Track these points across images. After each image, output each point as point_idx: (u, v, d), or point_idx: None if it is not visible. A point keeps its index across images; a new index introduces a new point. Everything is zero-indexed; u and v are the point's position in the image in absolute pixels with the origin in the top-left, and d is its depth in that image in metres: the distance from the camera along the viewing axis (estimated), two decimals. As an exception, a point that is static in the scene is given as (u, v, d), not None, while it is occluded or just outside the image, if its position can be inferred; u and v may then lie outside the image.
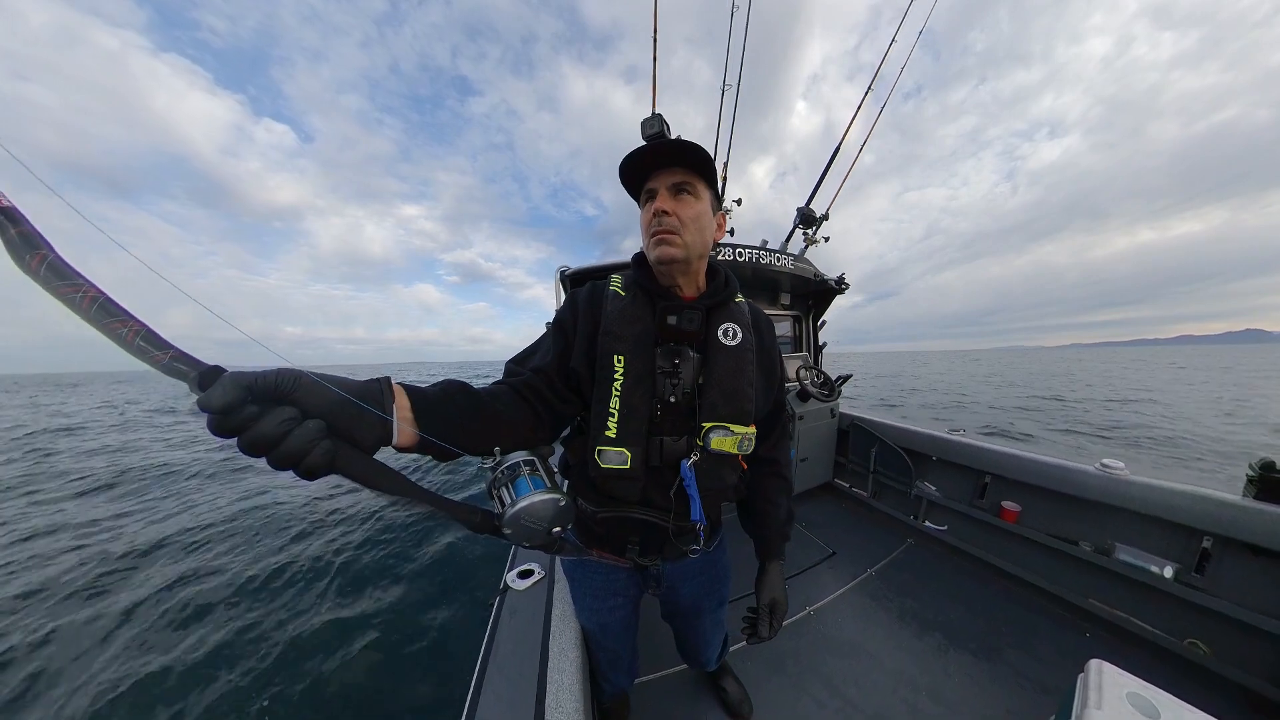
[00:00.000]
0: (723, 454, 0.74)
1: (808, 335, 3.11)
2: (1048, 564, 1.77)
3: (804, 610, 1.69)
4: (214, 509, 5.01)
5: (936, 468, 2.32)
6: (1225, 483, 1.45)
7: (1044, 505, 1.85)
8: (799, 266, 2.46)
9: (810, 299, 3.05)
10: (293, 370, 0.38)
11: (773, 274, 2.41)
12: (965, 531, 2.10)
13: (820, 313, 3.06)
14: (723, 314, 0.78)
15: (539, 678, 0.86)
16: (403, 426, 0.47)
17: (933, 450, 2.31)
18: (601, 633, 1.00)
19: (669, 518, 0.77)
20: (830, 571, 1.96)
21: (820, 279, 2.63)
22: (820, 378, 2.73)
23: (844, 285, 2.79)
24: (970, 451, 2.12)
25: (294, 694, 2.19)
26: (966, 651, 1.47)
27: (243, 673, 2.33)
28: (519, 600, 1.15)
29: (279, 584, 3.24)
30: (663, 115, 0.81)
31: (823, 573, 1.96)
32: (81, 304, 0.31)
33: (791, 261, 2.42)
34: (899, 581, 1.88)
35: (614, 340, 0.72)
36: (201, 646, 2.53)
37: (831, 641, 1.53)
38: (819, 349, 3.11)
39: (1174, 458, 8.42)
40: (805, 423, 2.56)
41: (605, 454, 0.71)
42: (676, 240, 0.69)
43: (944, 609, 1.68)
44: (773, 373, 0.85)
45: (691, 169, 0.70)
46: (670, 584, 0.95)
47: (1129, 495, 1.56)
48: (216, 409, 0.32)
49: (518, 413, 0.64)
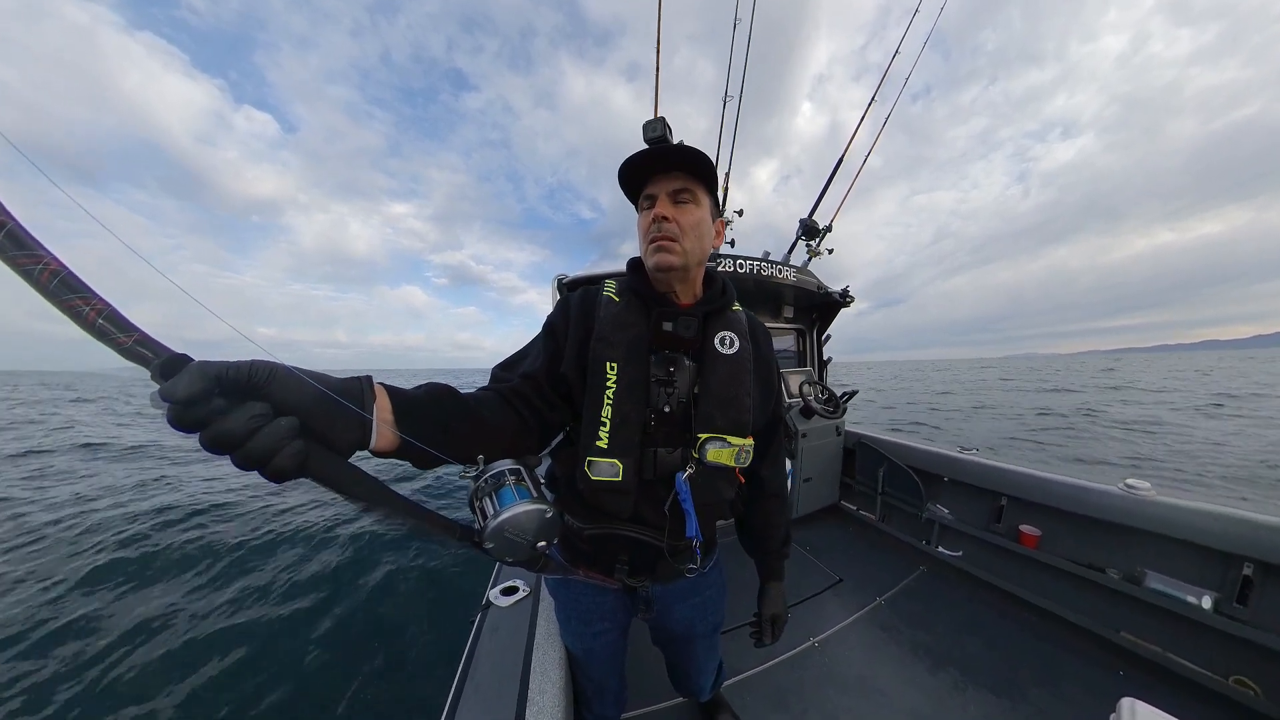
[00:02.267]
0: (719, 467, 0.71)
1: (812, 349, 3.09)
2: (1073, 593, 1.69)
3: (808, 641, 1.61)
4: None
5: (949, 489, 2.25)
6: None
7: (1066, 529, 1.78)
8: (802, 279, 2.46)
9: (814, 312, 3.05)
10: (268, 362, 0.36)
11: (775, 286, 2.41)
12: (981, 558, 2.02)
13: (825, 326, 3.05)
14: (720, 321, 0.77)
15: (519, 699, 0.83)
16: (382, 429, 0.45)
17: (944, 470, 2.25)
18: (587, 659, 0.96)
19: (661, 535, 0.74)
20: (836, 600, 1.89)
21: (824, 291, 2.62)
22: (825, 393, 2.70)
23: (849, 299, 2.78)
24: (984, 471, 2.06)
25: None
26: (985, 689, 1.38)
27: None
28: (501, 617, 1.12)
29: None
30: (665, 119, 0.82)
31: (828, 601, 1.88)
32: (40, 277, 0.29)
33: (794, 273, 2.42)
34: (910, 611, 1.80)
35: (607, 346, 0.71)
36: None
37: (837, 676, 1.46)
38: (823, 364, 3.08)
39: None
40: (809, 441, 2.51)
41: (596, 465, 0.68)
42: (676, 247, 0.68)
43: (960, 642, 1.60)
44: (770, 384, 0.84)
45: (693, 175, 0.70)
46: (661, 607, 0.91)
47: (1157, 517, 1.49)
48: (179, 400, 0.30)
49: (504, 420, 0.63)
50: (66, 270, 0.30)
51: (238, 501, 5.04)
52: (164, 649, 2.54)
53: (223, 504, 4.96)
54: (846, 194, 3.19)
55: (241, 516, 4.63)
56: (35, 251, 0.29)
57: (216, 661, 2.44)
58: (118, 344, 0.31)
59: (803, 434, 2.47)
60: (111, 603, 3.07)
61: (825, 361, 3.10)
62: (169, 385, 0.30)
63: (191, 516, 4.63)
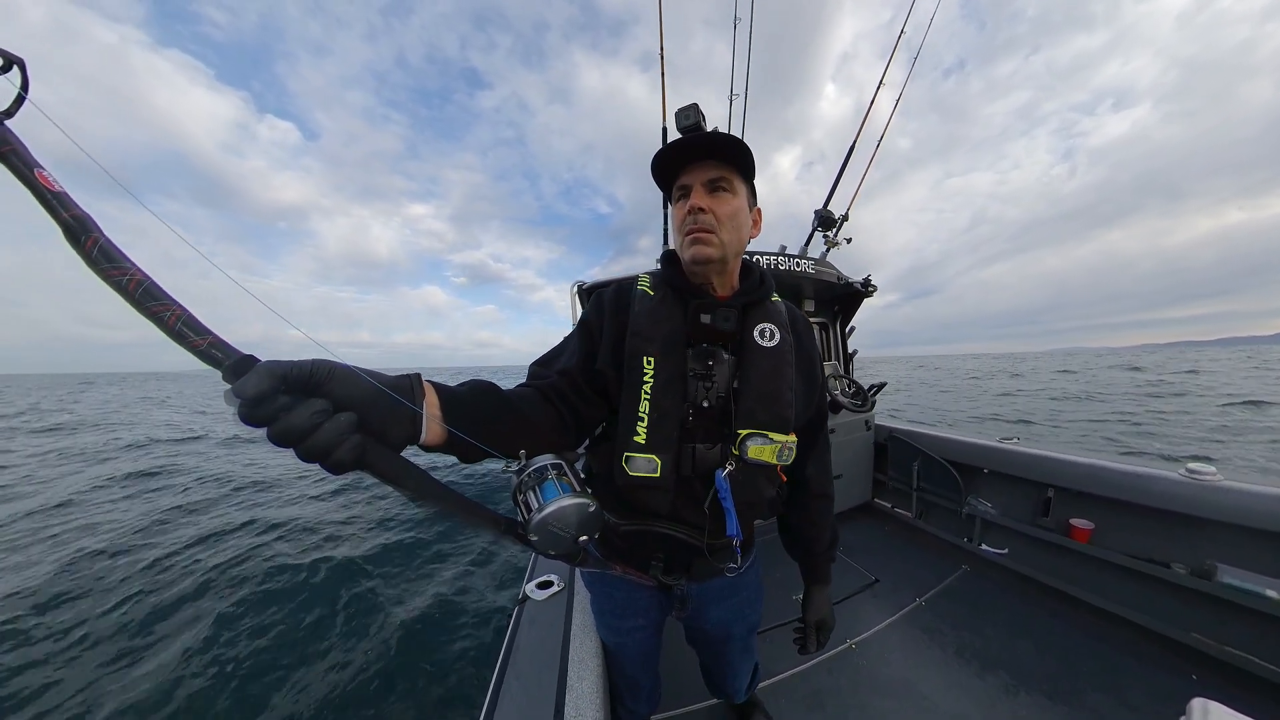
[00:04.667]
0: (760, 464, 0.71)
1: (836, 343, 3.05)
2: (1134, 591, 1.60)
3: (844, 643, 1.58)
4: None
5: (990, 481, 2.17)
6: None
7: (1122, 521, 1.69)
8: (821, 270, 2.42)
9: (836, 304, 3.00)
10: (328, 361, 0.39)
11: (794, 280, 2.39)
12: (1029, 554, 1.94)
13: (848, 318, 3.00)
14: (759, 313, 0.76)
15: (558, 687, 0.86)
16: (431, 424, 0.47)
17: (984, 462, 2.17)
18: (619, 654, 0.97)
19: (699, 534, 0.74)
20: (873, 601, 1.85)
21: (845, 282, 2.58)
22: (852, 387, 2.65)
23: (871, 288, 2.73)
24: (1028, 461, 1.98)
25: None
26: (1040, 694, 1.33)
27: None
28: (538, 610, 1.16)
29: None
30: (699, 105, 0.82)
31: (864, 602, 1.84)
32: (128, 287, 0.32)
33: (813, 266, 2.38)
34: (953, 612, 1.74)
35: (643, 341, 0.71)
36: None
37: (877, 679, 1.42)
38: (849, 357, 3.03)
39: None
40: (838, 436, 2.46)
41: (634, 461, 0.69)
42: (713, 239, 0.68)
43: (1009, 644, 1.54)
44: (814, 377, 0.82)
45: (729, 163, 0.69)
46: (696, 606, 0.91)
47: (1225, 505, 1.40)
48: (248, 398, 0.33)
49: (543, 416, 0.64)
50: (150, 280, 0.33)
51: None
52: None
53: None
54: (863, 179, 3.13)
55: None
56: (122, 264, 0.33)
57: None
58: (194, 346, 0.34)
59: (831, 430, 2.41)
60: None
61: (851, 354, 3.05)
62: (239, 384, 0.32)
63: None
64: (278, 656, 2.58)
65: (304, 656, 2.59)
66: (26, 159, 0.32)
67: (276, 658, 2.58)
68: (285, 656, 2.59)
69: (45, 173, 0.33)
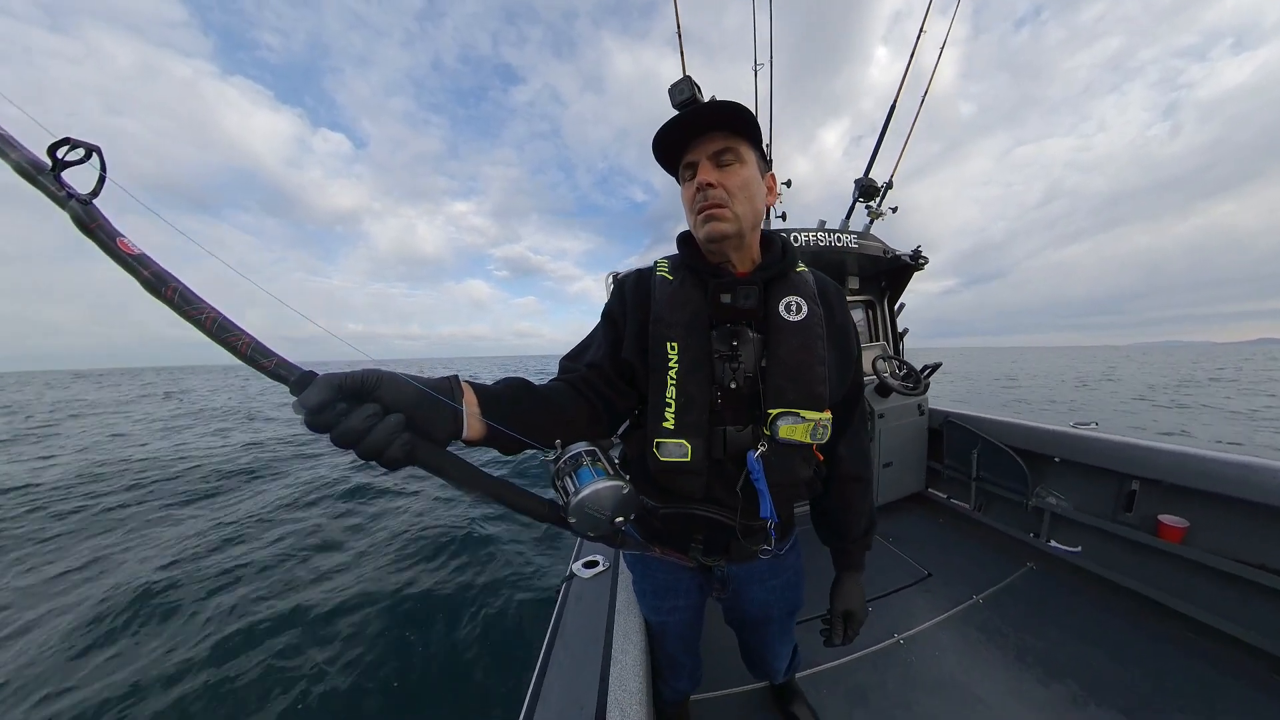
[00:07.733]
0: (793, 444, 0.70)
1: (884, 321, 2.89)
2: (1234, 599, 1.45)
3: (891, 638, 1.54)
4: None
5: (1062, 471, 2.01)
6: None
7: (1221, 519, 1.52)
8: (865, 244, 2.29)
9: (883, 279, 2.83)
10: (376, 370, 0.44)
11: (836, 256, 2.27)
12: (1107, 554, 1.79)
13: (896, 295, 2.83)
14: (783, 286, 0.74)
15: (603, 659, 0.92)
16: (471, 420, 0.51)
17: (1055, 450, 2.00)
18: (662, 633, 1.01)
19: (735, 516, 0.75)
20: (924, 596, 1.78)
21: (892, 255, 2.43)
22: (903, 368, 2.51)
23: (922, 260, 2.55)
24: (1109, 449, 1.81)
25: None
26: (1114, 709, 1.23)
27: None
28: (584, 587, 1.23)
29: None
30: (692, 78, 0.77)
31: (914, 596, 1.78)
32: (205, 324, 0.39)
33: (855, 239, 2.26)
34: (1015, 613, 1.65)
35: (665, 326, 0.71)
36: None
37: (926, 677, 1.38)
38: (899, 336, 2.87)
39: None
40: (887, 421, 2.35)
41: (664, 446, 0.70)
42: (726, 213, 0.66)
43: (1080, 652, 1.44)
44: (848, 351, 0.79)
45: (733, 132, 0.67)
46: (736, 588, 0.93)
47: None
48: (312, 408, 0.38)
49: (576, 408, 0.67)
50: (223, 317, 0.40)
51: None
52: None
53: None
54: (906, 140, 2.93)
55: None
56: (199, 305, 0.39)
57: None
58: (263, 367, 0.40)
59: (880, 414, 2.32)
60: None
61: (901, 333, 2.88)
62: (304, 397, 0.38)
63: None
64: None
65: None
66: (109, 230, 0.38)
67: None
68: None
69: (126, 240, 0.38)
